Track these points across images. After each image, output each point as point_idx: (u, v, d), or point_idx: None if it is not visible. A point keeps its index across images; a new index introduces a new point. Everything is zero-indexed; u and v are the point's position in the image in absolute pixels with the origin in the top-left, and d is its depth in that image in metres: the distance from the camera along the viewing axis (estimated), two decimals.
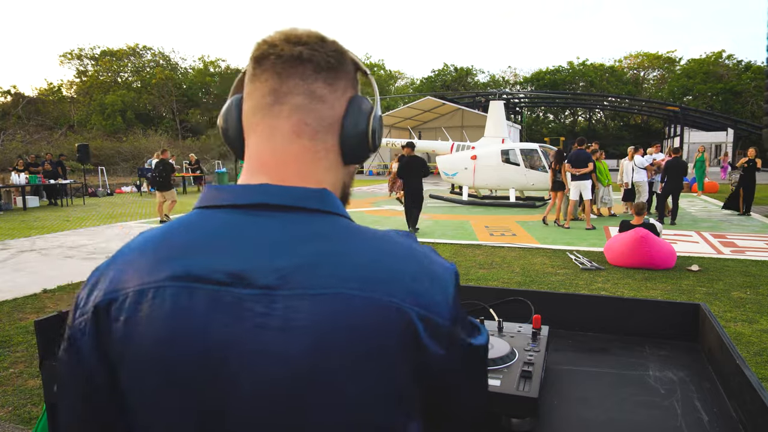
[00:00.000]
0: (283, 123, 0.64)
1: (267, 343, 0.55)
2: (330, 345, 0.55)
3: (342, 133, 0.67)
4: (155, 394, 0.57)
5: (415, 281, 0.59)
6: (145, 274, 0.59)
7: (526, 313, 1.37)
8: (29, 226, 11.36)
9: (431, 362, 0.59)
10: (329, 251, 0.58)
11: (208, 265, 0.57)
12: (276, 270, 0.57)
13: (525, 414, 0.91)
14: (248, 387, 0.55)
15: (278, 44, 0.65)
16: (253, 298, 0.56)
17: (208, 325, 0.56)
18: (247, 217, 0.60)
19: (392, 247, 0.62)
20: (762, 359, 3.83)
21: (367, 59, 54.02)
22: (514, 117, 39.35)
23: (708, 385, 1.09)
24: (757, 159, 11.85)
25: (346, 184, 0.73)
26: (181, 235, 0.61)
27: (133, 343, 0.57)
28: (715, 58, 46.45)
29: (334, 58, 0.66)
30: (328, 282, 0.56)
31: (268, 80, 0.64)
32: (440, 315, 0.60)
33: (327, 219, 0.62)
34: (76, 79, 45.50)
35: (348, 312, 0.55)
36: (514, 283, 6.04)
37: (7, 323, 4.78)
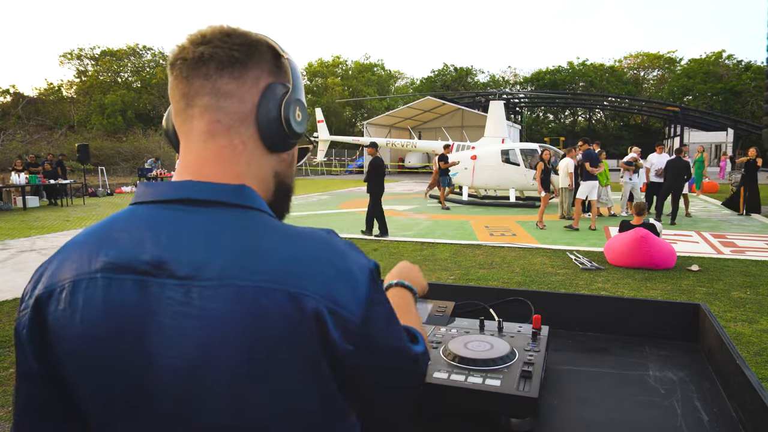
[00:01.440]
0: (196, 124, 0.67)
1: (188, 329, 0.58)
2: (245, 333, 0.58)
3: (257, 123, 0.68)
4: (90, 379, 0.62)
5: (327, 276, 0.61)
6: (80, 266, 0.63)
7: (526, 313, 1.37)
8: (29, 226, 11.36)
9: (342, 358, 0.61)
10: (245, 245, 0.61)
11: (133, 257, 0.61)
12: (193, 261, 0.60)
13: (525, 414, 0.90)
14: (172, 373, 0.59)
15: (186, 47, 0.67)
16: (173, 287, 0.59)
17: (137, 313, 0.60)
18: (173, 212, 0.64)
19: (307, 242, 0.63)
20: (762, 359, 3.83)
21: (366, 59, 54.04)
22: (514, 117, 39.34)
23: (708, 385, 1.09)
24: (758, 158, 11.85)
25: (280, 173, 0.74)
26: (113, 229, 0.65)
27: (71, 331, 0.62)
28: (715, 58, 46.45)
29: (239, 51, 0.67)
30: (242, 274, 0.59)
31: (179, 85, 0.68)
32: (349, 311, 0.61)
33: (244, 213, 0.64)
34: (76, 79, 45.52)
35: (259, 303, 0.58)
36: (514, 283, 6.04)
37: (7, 323, 4.77)
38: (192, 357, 0.58)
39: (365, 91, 48.21)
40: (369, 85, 50.05)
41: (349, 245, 0.67)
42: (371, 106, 45.86)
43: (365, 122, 33.60)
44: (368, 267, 0.65)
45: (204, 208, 0.64)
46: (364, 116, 44.56)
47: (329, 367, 0.61)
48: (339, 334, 0.60)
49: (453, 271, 6.67)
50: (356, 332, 0.61)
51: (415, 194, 18.90)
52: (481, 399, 0.91)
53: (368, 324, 0.63)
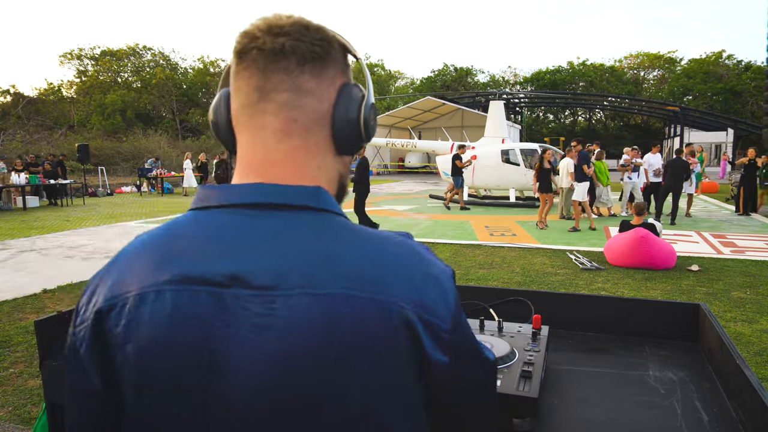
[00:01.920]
0: (271, 121, 0.62)
1: (268, 342, 0.54)
2: (331, 344, 0.54)
3: (333, 124, 0.65)
4: (159, 396, 0.57)
5: (415, 282, 0.58)
6: (145, 278, 0.58)
7: (526, 313, 1.37)
8: (29, 226, 11.36)
9: (435, 368, 0.58)
10: (326, 250, 0.57)
11: (206, 267, 0.57)
12: (273, 270, 0.56)
13: (525, 414, 0.90)
14: (250, 387, 0.55)
15: (260, 36, 0.62)
16: (251, 298, 0.55)
17: (209, 326, 0.56)
18: (242, 217, 0.59)
19: (390, 246, 0.60)
20: (762, 359, 3.83)
21: (367, 59, 53.92)
22: (514, 117, 39.34)
23: (708, 385, 1.09)
24: (757, 159, 11.86)
25: (342, 175, 0.71)
26: (177, 237, 0.61)
27: (136, 347, 0.57)
28: (715, 58, 46.45)
29: (320, 46, 0.63)
30: (326, 281, 0.55)
31: (252, 77, 0.62)
32: (441, 319, 0.58)
33: (322, 217, 0.61)
34: (76, 79, 45.49)
35: (347, 311, 0.55)
36: (514, 283, 6.04)
37: (7, 323, 4.77)
38: (272, 370, 0.54)
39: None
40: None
41: (428, 250, 0.64)
42: None
43: None
44: (450, 273, 0.63)
45: (279, 212, 0.60)
46: None
47: (417, 378, 0.58)
48: (432, 343, 0.57)
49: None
50: (448, 341, 0.58)
51: (415, 194, 18.91)
52: None
53: (458, 332, 0.60)
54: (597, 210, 12.20)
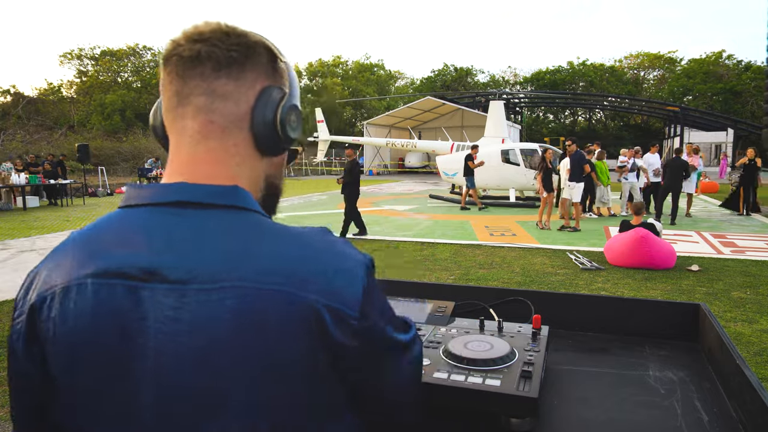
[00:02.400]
0: (189, 124, 0.66)
1: (180, 335, 0.57)
2: (239, 337, 0.57)
3: (252, 126, 0.67)
4: (81, 387, 0.61)
5: (322, 274, 0.61)
6: (70, 272, 0.62)
7: (526, 313, 1.36)
8: (29, 226, 11.36)
9: (344, 354, 0.61)
10: (238, 247, 0.60)
11: (125, 262, 0.60)
12: (187, 265, 0.59)
13: (525, 414, 0.90)
14: (162, 379, 0.58)
15: (182, 44, 0.65)
16: (165, 292, 0.58)
17: (126, 319, 0.59)
18: (161, 215, 0.63)
19: (302, 241, 0.63)
20: (762, 359, 3.83)
21: (367, 59, 54.03)
22: (514, 117, 39.33)
23: (708, 385, 1.09)
24: (757, 158, 11.86)
25: (271, 176, 0.73)
26: (103, 233, 0.64)
27: (62, 338, 0.61)
28: (715, 58, 46.43)
29: (238, 51, 0.65)
30: (236, 276, 0.58)
31: (172, 82, 0.66)
32: (348, 306, 0.61)
33: (238, 215, 0.63)
34: (76, 79, 45.49)
35: (256, 304, 0.57)
36: (514, 283, 6.04)
37: (7, 323, 4.78)
38: (183, 363, 0.57)
39: (365, 91, 48.19)
40: (369, 85, 50.04)
41: (343, 242, 0.66)
42: (371, 106, 45.84)
43: (365, 122, 33.61)
44: (364, 262, 0.65)
45: (197, 210, 0.63)
46: (364, 116, 44.55)
47: (330, 365, 0.61)
48: (339, 331, 0.60)
49: (453, 271, 6.67)
50: (356, 327, 0.61)
51: (415, 194, 18.91)
52: (481, 399, 0.91)
53: (368, 319, 0.63)
54: (597, 210, 12.20)
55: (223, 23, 0.67)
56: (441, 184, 21.49)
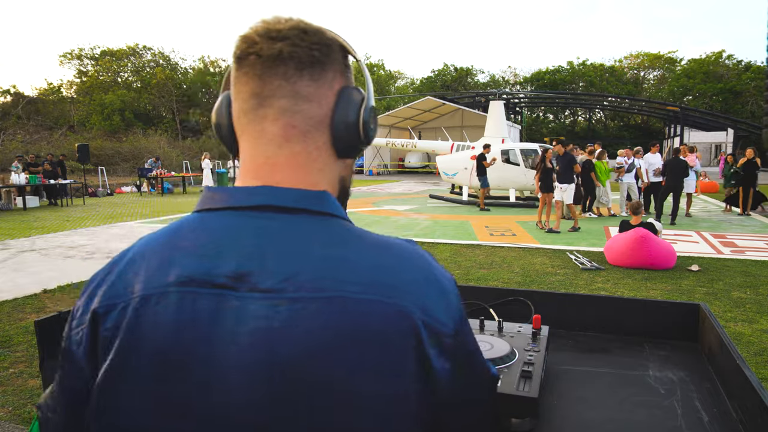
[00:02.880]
0: (269, 127, 0.62)
1: (273, 345, 0.54)
2: (335, 348, 0.54)
3: (332, 128, 0.64)
4: (158, 398, 0.56)
5: (418, 287, 0.58)
6: (149, 280, 0.58)
7: (526, 313, 1.37)
8: (29, 226, 11.36)
9: (437, 375, 0.57)
10: (333, 254, 0.57)
11: (211, 270, 0.57)
12: (279, 273, 0.56)
13: (525, 414, 0.90)
14: (253, 388, 0.54)
15: (258, 41, 0.61)
16: (256, 301, 0.55)
17: (213, 329, 0.55)
18: (247, 220, 0.59)
19: (394, 251, 0.60)
20: (762, 359, 3.83)
21: (367, 59, 54.01)
22: (514, 117, 39.34)
23: (708, 385, 1.09)
24: (756, 159, 11.86)
25: (344, 178, 0.70)
26: (182, 239, 0.60)
27: (136, 349, 0.56)
28: (715, 58, 46.47)
29: (319, 50, 0.63)
30: (331, 285, 0.55)
31: (250, 82, 0.62)
32: (443, 324, 0.58)
33: (327, 221, 0.61)
34: (76, 79, 45.48)
35: (352, 315, 0.54)
36: (514, 283, 6.04)
37: (7, 323, 4.77)
38: (275, 374, 0.54)
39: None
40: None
41: (431, 256, 0.64)
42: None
43: None
44: (452, 279, 0.63)
45: (285, 215, 0.59)
46: None
47: (420, 382, 0.56)
48: (435, 349, 0.56)
49: (453, 271, 6.67)
50: (451, 346, 0.58)
51: (415, 194, 18.91)
52: None
53: (460, 337, 0.60)
54: (597, 210, 12.21)
55: (297, 19, 0.64)
56: (441, 184, 21.49)
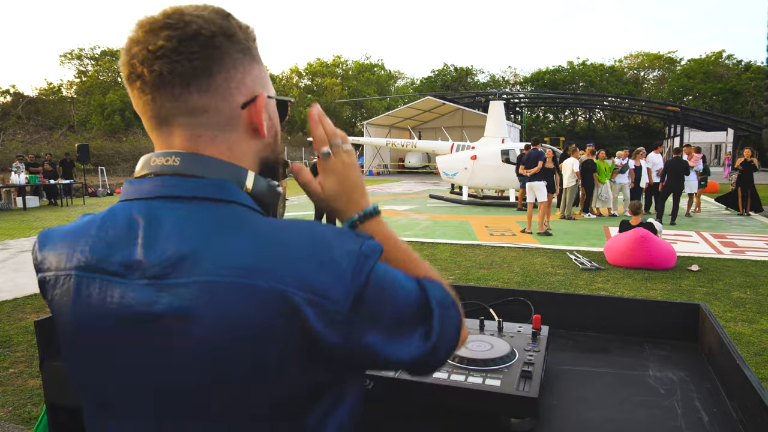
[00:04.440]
0: (176, 141, 0.65)
1: (152, 331, 0.58)
2: (212, 332, 0.56)
3: (241, 124, 0.66)
4: (72, 369, 0.67)
5: (304, 266, 0.58)
6: (60, 262, 0.66)
7: (526, 313, 1.37)
8: (29, 226, 11.36)
9: (330, 352, 0.59)
10: (217, 240, 0.59)
11: (106, 256, 0.62)
12: (165, 260, 0.59)
13: (525, 414, 0.90)
14: (139, 371, 0.60)
15: (137, 65, 0.61)
16: (142, 288, 0.59)
17: (101, 312, 0.61)
18: (149, 210, 0.62)
19: (284, 234, 0.60)
20: (762, 359, 3.83)
21: (366, 59, 54.04)
22: (514, 117, 39.33)
23: (708, 385, 1.09)
24: (753, 159, 11.86)
25: (263, 157, 0.70)
26: (93, 227, 0.65)
27: (58, 318, 0.67)
28: (715, 58, 46.44)
29: (199, 58, 0.61)
30: (212, 270, 0.57)
31: (145, 105, 0.64)
32: (333, 300, 0.57)
33: (223, 208, 0.62)
34: (76, 79, 45.47)
35: (228, 299, 0.56)
36: (514, 283, 6.04)
37: (7, 323, 4.77)
38: (159, 357, 0.58)
39: (365, 91, 48.17)
40: (369, 85, 50.01)
41: (334, 232, 0.62)
42: (371, 106, 45.83)
43: (365, 122, 33.60)
44: (356, 251, 0.60)
45: (183, 204, 0.62)
46: (364, 116, 44.55)
47: (313, 359, 0.59)
48: (323, 325, 0.57)
49: (453, 271, 6.67)
50: (343, 321, 0.58)
51: (415, 194, 18.91)
52: (481, 399, 0.91)
53: (358, 310, 0.59)
54: (597, 210, 12.21)
55: (172, 17, 0.62)
56: (441, 184, 21.48)
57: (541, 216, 9.46)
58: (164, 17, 0.62)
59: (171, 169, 0.64)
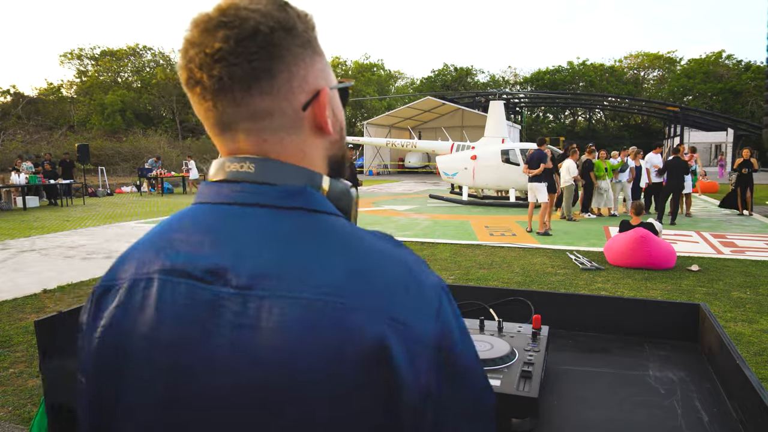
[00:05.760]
0: (243, 146, 0.62)
1: (239, 342, 0.54)
2: (297, 350, 0.53)
3: (307, 123, 0.63)
4: (135, 381, 0.58)
5: (392, 293, 0.55)
6: (140, 266, 0.61)
7: (526, 313, 1.37)
8: (29, 226, 11.36)
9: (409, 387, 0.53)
10: (308, 254, 0.56)
11: (191, 261, 0.58)
12: (252, 269, 0.56)
13: (525, 414, 0.91)
14: (218, 385, 0.54)
15: (195, 69, 0.59)
16: (228, 297, 0.55)
17: (188, 318, 0.56)
18: (232, 215, 0.60)
19: (374, 254, 0.58)
20: (762, 359, 3.83)
21: (366, 59, 54.05)
22: (514, 117, 39.33)
23: (708, 385, 1.09)
24: (752, 159, 11.86)
25: (332, 155, 0.68)
26: (176, 229, 0.62)
27: (122, 330, 0.59)
28: (715, 58, 46.45)
29: (258, 58, 0.58)
30: (302, 286, 0.54)
31: (207, 111, 0.61)
32: (420, 333, 0.54)
33: (309, 218, 0.59)
34: (76, 79, 45.49)
35: (319, 317, 0.53)
36: (514, 283, 6.04)
37: (7, 323, 4.77)
38: (241, 371, 0.54)
39: (365, 91, 48.15)
40: (369, 85, 49.98)
41: (417, 260, 0.60)
42: (371, 106, 45.83)
43: (365, 122, 33.61)
44: (439, 285, 0.59)
45: (267, 211, 0.59)
46: (364, 116, 44.54)
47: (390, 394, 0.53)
48: (407, 358, 0.53)
49: (453, 271, 6.66)
50: (429, 355, 0.54)
51: (415, 194, 18.91)
52: None
53: (443, 345, 0.55)
54: (597, 210, 12.21)
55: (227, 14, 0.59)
56: (441, 184, 21.49)
57: (541, 216, 9.48)
58: (219, 14, 0.59)
59: (247, 176, 0.61)
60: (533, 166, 9.67)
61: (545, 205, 9.47)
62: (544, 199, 9.50)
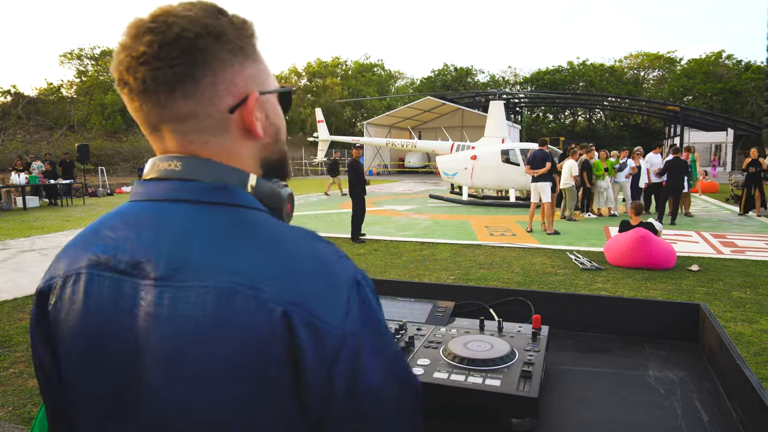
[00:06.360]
0: (170, 146, 0.65)
1: (158, 330, 0.58)
2: (207, 336, 0.56)
3: (234, 126, 0.65)
4: (75, 374, 0.63)
5: (304, 284, 0.57)
6: (71, 263, 0.65)
7: (526, 313, 1.36)
8: (29, 226, 11.36)
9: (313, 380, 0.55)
10: (223, 246, 0.58)
11: (115, 254, 0.62)
12: (170, 263, 0.59)
13: (525, 414, 0.90)
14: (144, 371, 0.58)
15: (124, 71, 0.61)
16: (147, 288, 0.59)
17: (113, 310, 0.60)
18: (156, 211, 0.63)
19: (288, 246, 0.60)
20: (762, 359, 3.83)
21: (366, 59, 54.02)
22: (514, 117, 39.33)
23: (708, 385, 1.09)
24: (760, 158, 11.82)
25: (264, 158, 0.69)
26: (106, 226, 0.66)
27: (62, 325, 0.64)
28: (715, 58, 46.42)
29: (180, 63, 0.60)
30: (215, 276, 0.57)
31: (136, 111, 0.64)
32: (327, 323, 0.56)
33: (228, 212, 0.62)
34: (76, 79, 45.46)
35: (229, 306, 0.55)
36: (514, 283, 6.04)
37: (7, 323, 4.78)
38: (161, 358, 0.57)
39: (365, 91, 48.15)
40: (369, 85, 49.98)
41: (336, 254, 0.62)
42: (371, 106, 45.84)
43: (365, 122, 33.61)
44: (354, 278, 0.60)
45: (191, 206, 0.62)
46: (364, 116, 44.56)
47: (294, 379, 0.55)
48: (313, 346, 0.55)
49: (453, 271, 6.67)
50: (336, 346, 0.56)
51: (415, 194, 18.90)
52: (481, 399, 0.91)
53: (349, 341, 0.57)
54: (597, 210, 12.21)
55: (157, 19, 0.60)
56: (441, 184, 21.48)
57: (548, 216, 9.51)
58: (150, 19, 0.61)
59: (174, 174, 0.64)
60: (536, 166, 9.67)
61: (549, 205, 9.48)
62: (548, 199, 9.52)
